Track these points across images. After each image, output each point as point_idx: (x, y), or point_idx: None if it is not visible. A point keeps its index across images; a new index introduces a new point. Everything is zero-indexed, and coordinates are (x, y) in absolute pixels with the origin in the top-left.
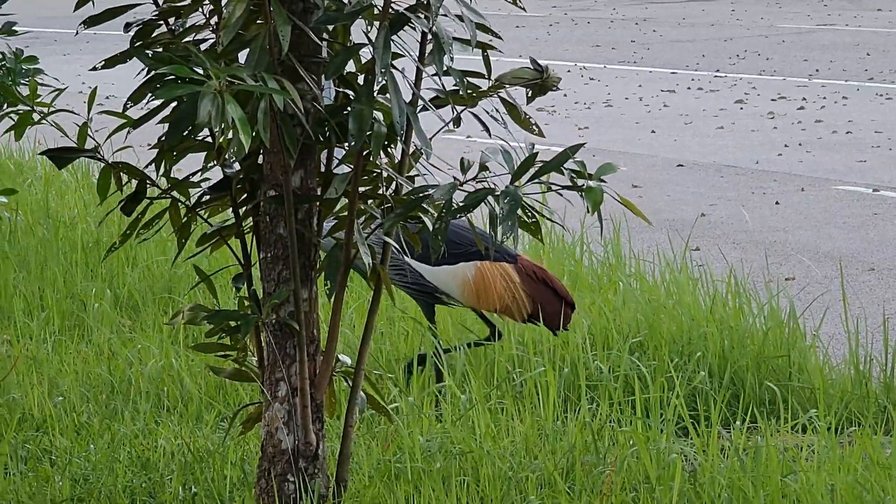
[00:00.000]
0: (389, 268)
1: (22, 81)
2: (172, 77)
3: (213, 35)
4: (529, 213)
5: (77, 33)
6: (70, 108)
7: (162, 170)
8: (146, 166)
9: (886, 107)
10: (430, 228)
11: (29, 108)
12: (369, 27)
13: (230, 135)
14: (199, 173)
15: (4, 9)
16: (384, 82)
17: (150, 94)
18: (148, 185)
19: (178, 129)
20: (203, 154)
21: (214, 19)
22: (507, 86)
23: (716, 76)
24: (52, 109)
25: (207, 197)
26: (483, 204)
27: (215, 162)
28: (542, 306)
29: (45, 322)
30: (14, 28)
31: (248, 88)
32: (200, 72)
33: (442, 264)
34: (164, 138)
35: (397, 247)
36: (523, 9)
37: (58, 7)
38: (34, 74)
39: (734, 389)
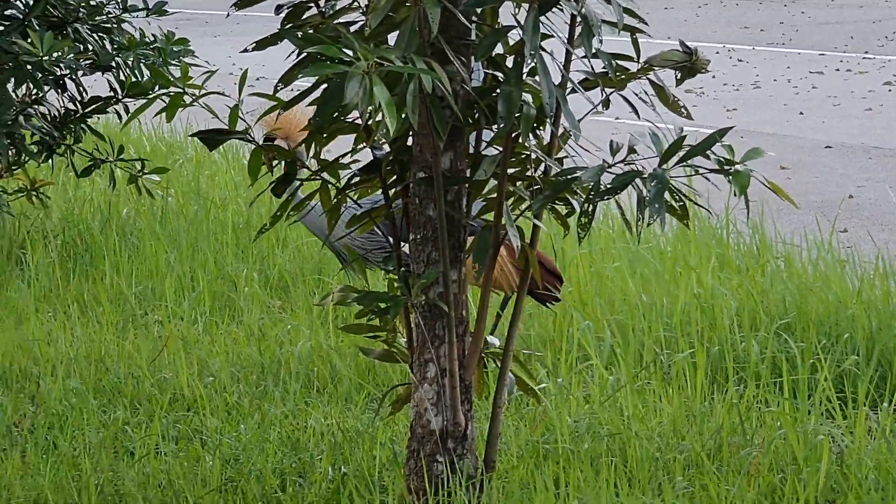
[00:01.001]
0: (378, 252)
1: (173, 63)
2: (322, 57)
3: (363, 17)
4: (677, 197)
5: (228, 15)
6: (221, 89)
7: (312, 151)
8: (294, 147)
9: None
10: (578, 210)
11: (180, 90)
12: (517, 9)
13: (379, 117)
14: (349, 155)
15: None
16: (533, 64)
17: (300, 76)
18: (298, 167)
19: (326, 110)
20: (353, 136)
21: (364, 1)
22: (656, 68)
23: (864, 58)
24: (203, 92)
25: (357, 178)
26: (630, 187)
27: (365, 144)
28: (532, 281)
29: (197, 302)
30: (165, 8)
31: (396, 70)
32: (349, 53)
33: None
34: (313, 120)
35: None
36: None
37: None
38: (185, 56)
39: (881, 371)
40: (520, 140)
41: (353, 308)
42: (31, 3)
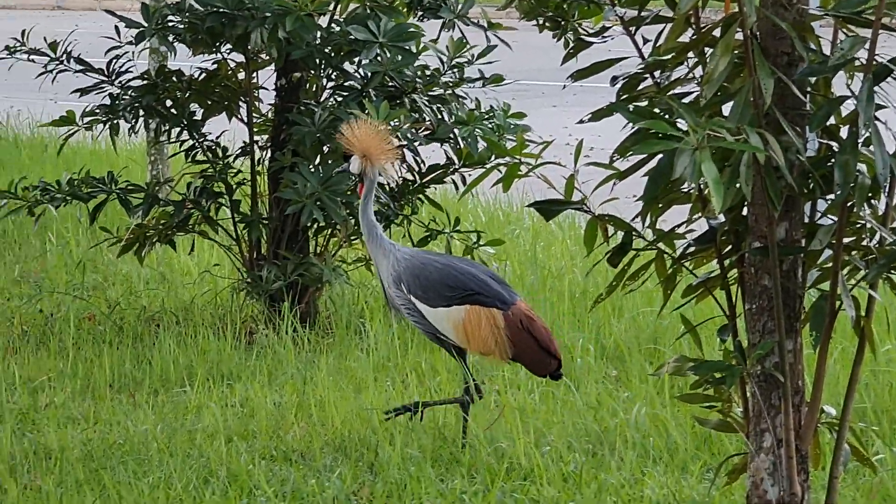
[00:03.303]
0: (406, 308)
1: (509, 137)
2: (653, 132)
3: (698, 88)
4: None
5: (564, 87)
6: (557, 160)
7: (647, 221)
8: (632, 219)
9: None
10: None
11: (516, 161)
12: (851, 79)
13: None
14: (685, 225)
15: (493, 56)
16: (868, 134)
17: (631, 152)
18: (634, 237)
19: (656, 184)
20: (688, 205)
21: (699, 72)
22: None
23: None
24: (539, 162)
25: (693, 248)
26: None
27: (700, 214)
28: (523, 353)
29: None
30: (501, 77)
31: (726, 146)
32: (682, 126)
33: (440, 306)
34: (645, 192)
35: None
36: None
37: (547, 60)
38: (522, 131)
39: None
40: (854, 210)
41: (688, 378)
42: (370, 74)
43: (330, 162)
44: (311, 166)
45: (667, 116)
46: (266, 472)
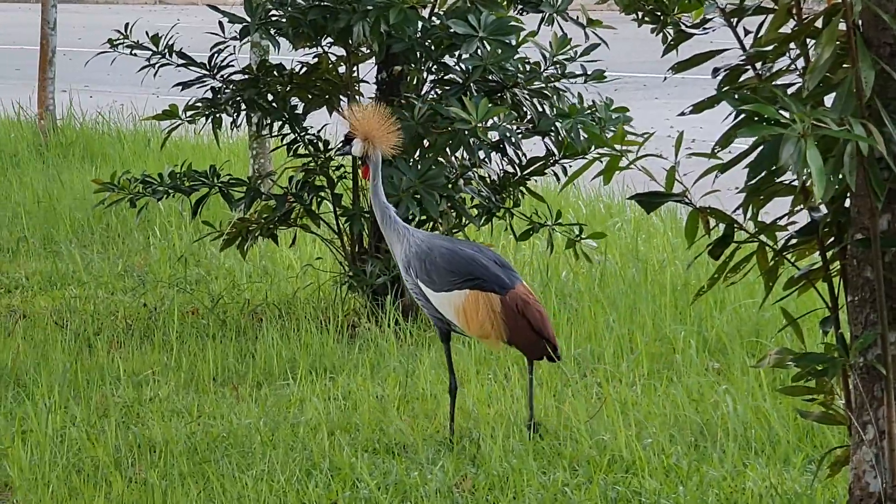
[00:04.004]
0: (414, 292)
1: (611, 129)
2: (758, 118)
3: (800, 79)
4: None
5: (665, 78)
6: (658, 152)
7: (749, 213)
8: (734, 210)
9: None
10: None
11: (617, 153)
12: None
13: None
14: (786, 217)
15: (595, 54)
16: None
17: (737, 136)
18: (735, 229)
19: (758, 170)
20: (790, 198)
21: (801, 63)
22: None
23: None
24: (640, 154)
25: (795, 240)
26: None
27: (802, 205)
28: (517, 336)
29: (635, 364)
30: (603, 74)
31: (831, 134)
32: (786, 115)
33: (442, 291)
34: (747, 181)
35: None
36: None
37: (647, 52)
38: (623, 122)
39: None
40: None
41: (790, 370)
42: (471, 69)
43: (428, 156)
44: (409, 160)
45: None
46: (369, 464)
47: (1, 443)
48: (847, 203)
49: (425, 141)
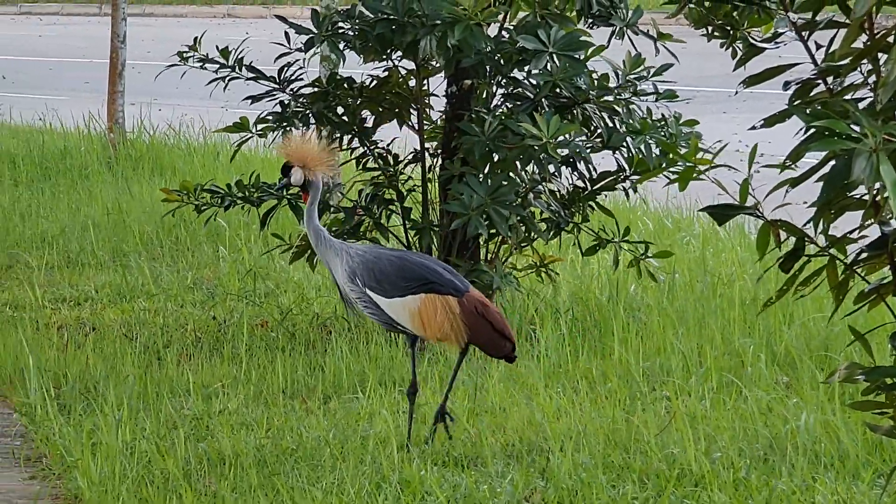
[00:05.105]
0: (361, 302)
1: (681, 144)
2: (829, 133)
3: (871, 94)
4: None
5: (736, 93)
6: (728, 165)
7: (820, 227)
8: (804, 224)
9: None
10: None
11: (690, 165)
12: None
13: (886, 193)
14: (857, 231)
15: (664, 63)
16: None
17: (808, 150)
18: (806, 243)
19: (832, 186)
20: (860, 212)
21: (872, 78)
22: None
23: None
24: (712, 164)
25: (865, 254)
26: None
27: (873, 220)
28: (478, 337)
29: (704, 378)
30: (675, 94)
31: None
32: (857, 129)
33: (395, 297)
34: (820, 195)
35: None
36: None
37: (715, 66)
38: (696, 137)
39: None
40: None
41: (859, 384)
42: (541, 84)
43: (498, 172)
44: (479, 176)
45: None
46: (438, 477)
47: (71, 455)
48: None
49: (495, 155)
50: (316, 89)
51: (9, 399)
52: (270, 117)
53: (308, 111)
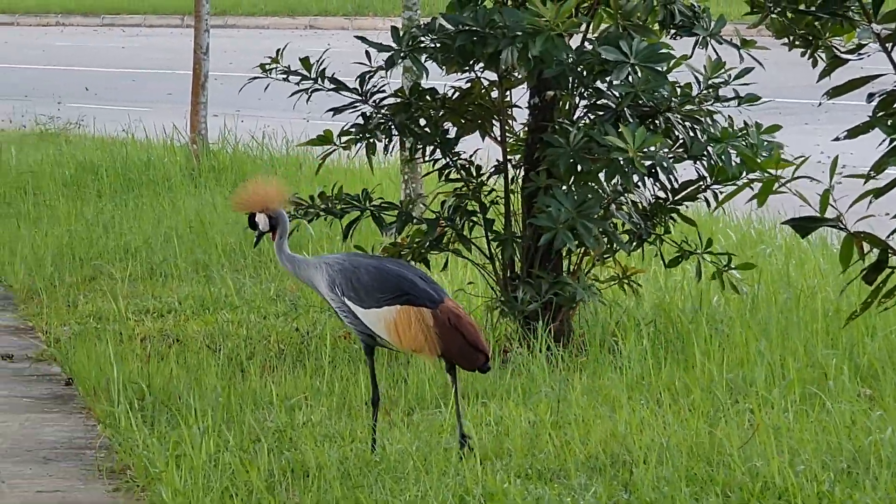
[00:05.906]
0: (341, 311)
1: (763, 154)
2: None
3: None
4: None
5: (819, 104)
6: (809, 176)
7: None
8: (888, 235)
9: None
10: None
11: (772, 176)
12: None
13: None
14: None
15: (747, 79)
16: None
17: (891, 165)
18: (890, 255)
19: None
20: None
21: None
22: None
23: None
24: (793, 176)
25: None
26: None
27: None
28: (451, 349)
29: (787, 391)
30: (757, 97)
31: None
32: None
33: (371, 307)
34: None
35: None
36: None
37: (797, 77)
38: (777, 147)
39: None
40: None
41: None
42: (623, 93)
43: (584, 184)
44: (564, 188)
45: None
46: (521, 490)
47: (155, 466)
48: None
49: (579, 167)
50: (398, 100)
51: (93, 411)
52: (353, 129)
53: (390, 122)
